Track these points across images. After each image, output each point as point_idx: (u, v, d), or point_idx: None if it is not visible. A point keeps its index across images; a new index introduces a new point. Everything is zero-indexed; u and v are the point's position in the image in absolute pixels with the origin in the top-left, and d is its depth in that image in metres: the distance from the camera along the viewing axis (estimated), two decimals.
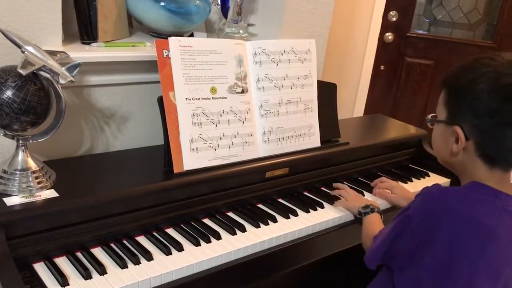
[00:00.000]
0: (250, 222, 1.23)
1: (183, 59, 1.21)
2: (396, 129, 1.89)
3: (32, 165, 1.07)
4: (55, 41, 1.17)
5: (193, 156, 1.21)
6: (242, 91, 1.31)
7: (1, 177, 1.04)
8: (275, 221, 1.25)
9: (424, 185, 1.58)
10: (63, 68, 1.04)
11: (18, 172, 1.05)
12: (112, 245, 1.07)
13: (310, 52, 1.45)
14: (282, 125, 1.39)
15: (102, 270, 0.98)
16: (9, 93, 0.98)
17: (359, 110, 3.06)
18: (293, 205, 1.35)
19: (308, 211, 1.32)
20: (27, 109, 0.99)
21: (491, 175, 0.93)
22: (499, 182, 0.93)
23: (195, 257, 1.06)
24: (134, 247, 1.07)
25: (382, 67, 3.01)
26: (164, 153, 1.20)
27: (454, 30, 3.14)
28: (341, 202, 1.36)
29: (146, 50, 1.34)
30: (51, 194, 1.04)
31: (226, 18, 1.56)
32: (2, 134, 1.05)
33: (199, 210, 1.21)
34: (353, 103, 3.09)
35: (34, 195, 1.03)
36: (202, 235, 1.13)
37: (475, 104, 0.88)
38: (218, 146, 1.25)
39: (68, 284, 0.94)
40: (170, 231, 1.15)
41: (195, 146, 1.21)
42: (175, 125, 1.19)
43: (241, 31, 1.54)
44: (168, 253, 1.06)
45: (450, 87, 0.95)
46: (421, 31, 3.12)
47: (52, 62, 1.02)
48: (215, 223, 1.21)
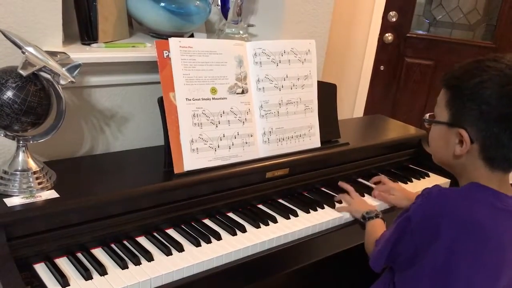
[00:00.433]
0: (250, 223, 1.23)
1: (183, 60, 1.21)
2: (396, 129, 1.89)
3: (32, 165, 1.07)
4: (56, 42, 1.17)
5: (193, 156, 1.21)
6: (242, 92, 1.31)
7: (1, 177, 1.04)
8: (275, 221, 1.25)
9: (424, 185, 1.59)
10: (64, 68, 1.04)
11: (18, 172, 1.05)
12: (112, 245, 1.07)
13: (310, 52, 1.45)
14: (282, 125, 1.39)
15: (102, 271, 0.98)
16: (9, 93, 0.98)
17: (359, 111, 3.06)
18: (293, 205, 1.35)
19: (308, 212, 1.32)
20: (28, 109, 0.99)
21: (492, 177, 0.93)
22: (499, 183, 0.94)
23: (196, 257, 1.06)
24: (134, 248, 1.07)
25: (382, 68, 3.01)
26: (164, 153, 1.20)
27: (453, 30, 3.14)
28: (344, 206, 1.36)
29: (146, 50, 1.34)
30: (52, 194, 1.05)
31: (226, 19, 1.56)
32: (2, 135, 1.05)
33: (200, 210, 1.22)
34: (352, 104, 3.09)
35: (35, 196, 1.03)
36: (202, 236, 1.13)
37: (484, 108, 0.88)
38: (219, 146, 1.25)
39: (68, 284, 0.94)
40: (171, 232, 1.15)
41: (196, 146, 1.21)
42: (176, 125, 1.19)
43: (241, 32, 1.54)
44: (168, 253, 1.06)
45: (454, 89, 0.94)
46: (420, 32, 3.12)
47: (52, 63, 1.02)
48: (216, 224, 1.21)
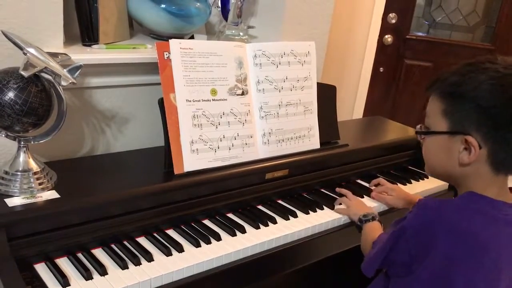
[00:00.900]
0: (250, 224, 1.23)
1: (184, 61, 1.22)
2: (395, 131, 1.90)
3: (33, 166, 1.08)
4: (57, 43, 1.18)
5: (193, 157, 1.21)
6: (242, 93, 1.32)
7: (2, 178, 1.05)
8: (275, 222, 1.26)
9: (423, 187, 1.60)
10: (65, 70, 1.04)
11: (19, 173, 1.05)
12: (112, 246, 1.07)
13: (310, 54, 1.46)
14: (282, 127, 1.40)
15: (103, 271, 0.98)
16: (11, 94, 0.98)
17: (358, 112, 3.07)
18: (292, 206, 1.35)
19: (307, 213, 1.33)
20: (29, 110, 1.00)
21: (494, 181, 0.91)
22: (500, 188, 0.92)
23: (196, 258, 1.07)
24: (134, 248, 1.07)
25: (381, 69, 3.02)
26: (164, 154, 1.20)
27: (453, 32, 3.15)
28: (342, 209, 1.36)
29: (146, 52, 1.35)
30: (52, 195, 1.05)
31: (226, 21, 1.57)
32: (3, 135, 1.05)
33: (199, 211, 1.22)
34: (352, 105, 3.10)
35: (35, 196, 1.03)
36: (202, 236, 1.14)
37: (491, 112, 0.85)
38: (218, 147, 1.26)
39: (69, 284, 0.94)
40: (171, 232, 1.16)
41: (196, 147, 1.22)
42: (176, 126, 1.19)
43: (241, 33, 1.55)
44: (168, 254, 1.07)
45: (452, 96, 0.90)
46: (420, 33, 3.13)
47: (53, 64, 1.03)
48: (215, 224, 1.21)
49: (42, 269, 0.98)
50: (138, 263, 1.03)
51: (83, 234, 1.04)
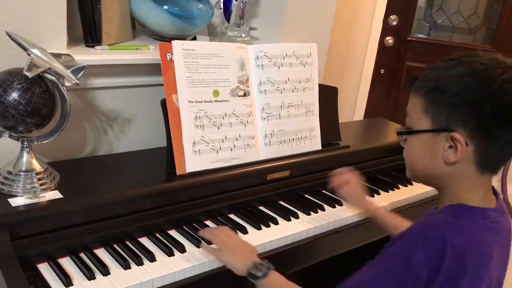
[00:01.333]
0: (251, 224, 1.24)
1: (186, 62, 1.22)
2: (396, 132, 1.90)
3: (36, 166, 1.08)
4: (60, 44, 1.18)
5: (195, 158, 1.22)
6: (244, 94, 1.33)
7: (6, 178, 1.05)
8: (276, 223, 1.26)
9: (422, 188, 1.60)
10: (68, 70, 1.05)
11: (22, 173, 1.06)
12: (115, 246, 1.08)
13: (311, 55, 1.46)
14: (283, 128, 1.40)
15: (105, 271, 0.99)
16: (15, 95, 0.99)
17: (359, 114, 3.07)
18: (294, 207, 1.36)
19: (309, 213, 1.33)
20: (33, 111, 1.00)
21: (480, 182, 0.86)
22: (486, 190, 0.88)
23: (198, 258, 1.07)
24: (137, 248, 1.08)
25: (382, 71, 3.03)
26: (166, 155, 1.21)
27: (454, 34, 3.16)
28: (212, 249, 1.07)
29: (149, 53, 1.35)
30: (55, 195, 1.05)
31: (229, 22, 1.57)
32: (7, 136, 1.06)
33: (201, 212, 1.23)
34: (353, 107, 3.10)
35: (38, 196, 1.04)
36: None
37: (476, 106, 0.80)
38: (220, 148, 1.27)
39: (72, 284, 0.95)
40: (173, 233, 1.16)
41: (198, 148, 1.22)
42: (178, 127, 1.20)
43: (243, 35, 1.56)
44: (170, 254, 1.07)
45: (433, 92, 0.85)
46: (421, 35, 3.14)
47: (57, 65, 1.03)
48: (217, 225, 1.22)
49: (45, 268, 0.99)
50: (140, 263, 1.03)
51: (86, 234, 1.05)
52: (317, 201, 1.41)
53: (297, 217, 1.31)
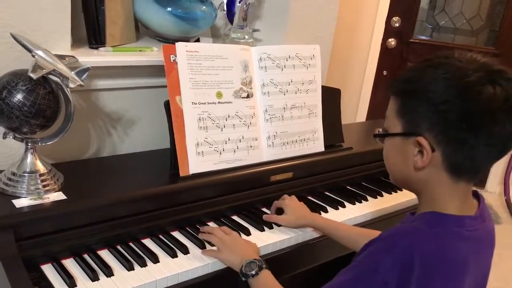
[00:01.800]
0: (254, 226, 1.24)
1: (190, 64, 1.22)
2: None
3: (40, 167, 1.08)
4: (64, 45, 1.19)
5: (198, 159, 1.22)
6: (248, 96, 1.33)
7: (10, 179, 1.06)
8: (280, 224, 1.26)
9: None
10: (73, 72, 1.05)
11: (26, 174, 1.06)
12: (118, 247, 1.08)
13: (314, 57, 1.46)
14: (286, 129, 1.40)
15: (109, 272, 0.99)
16: (19, 96, 0.99)
17: (362, 115, 3.07)
18: None
19: None
20: (37, 112, 1.01)
21: (455, 190, 0.82)
22: (464, 198, 0.84)
23: (201, 259, 1.07)
24: (140, 250, 1.08)
25: (385, 73, 3.03)
26: (170, 156, 1.21)
27: (456, 36, 3.16)
28: (210, 251, 1.08)
29: (153, 54, 1.36)
30: (59, 196, 1.06)
31: (232, 24, 1.58)
32: (11, 137, 1.06)
33: (205, 213, 1.23)
34: (355, 108, 3.10)
35: (42, 197, 1.04)
36: None
37: (442, 108, 0.76)
38: (224, 150, 1.27)
39: (75, 285, 0.95)
40: (176, 234, 1.16)
41: (201, 150, 1.23)
42: (181, 129, 1.20)
43: (246, 37, 1.56)
44: (174, 255, 1.08)
45: (405, 93, 0.83)
46: (423, 37, 3.14)
47: (61, 66, 1.04)
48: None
49: (48, 269, 0.99)
50: (144, 265, 1.03)
51: (90, 235, 1.05)
52: (320, 202, 1.41)
53: None
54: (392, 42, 2.99)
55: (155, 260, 1.05)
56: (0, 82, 1.01)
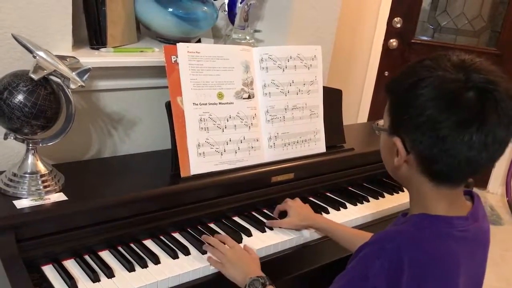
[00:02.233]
0: (255, 227, 1.23)
1: (191, 65, 1.22)
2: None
3: (41, 168, 1.08)
4: (65, 46, 1.19)
5: (200, 160, 1.22)
6: (249, 97, 1.33)
7: (11, 180, 1.06)
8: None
9: None
10: (74, 73, 1.05)
11: (27, 175, 1.06)
12: (119, 248, 1.08)
13: (316, 58, 1.46)
14: (288, 130, 1.40)
15: (110, 273, 0.99)
16: (20, 97, 0.99)
17: (363, 116, 3.07)
18: None
19: None
20: (38, 113, 1.01)
21: (439, 192, 0.82)
22: (449, 202, 0.83)
23: (202, 261, 1.07)
24: (141, 251, 1.08)
25: (386, 73, 3.02)
26: (171, 157, 1.21)
27: (458, 36, 3.15)
28: (214, 262, 1.06)
29: (154, 55, 1.36)
30: (60, 197, 1.06)
31: (233, 24, 1.57)
32: (12, 138, 1.06)
33: (206, 214, 1.22)
34: (357, 109, 3.10)
35: (43, 198, 1.04)
36: None
37: (415, 113, 0.76)
38: (225, 151, 1.26)
39: (76, 286, 0.95)
40: (177, 235, 1.16)
41: (202, 150, 1.22)
42: (183, 129, 1.20)
43: (247, 37, 1.56)
44: (175, 256, 1.07)
45: (391, 94, 0.84)
46: (425, 38, 3.14)
47: (63, 67, 1.04)
48: (221, 228, 1.22)
49: (49, 271, 0.99)
50: (145, 266, 1.03)
51: (90, 236, 1.05)
52: (321, 203, 1.41)
53: None
54: (393, 42, 2.99)
55: (156, 261, 1.05)
56: (1, 83, 1.01)
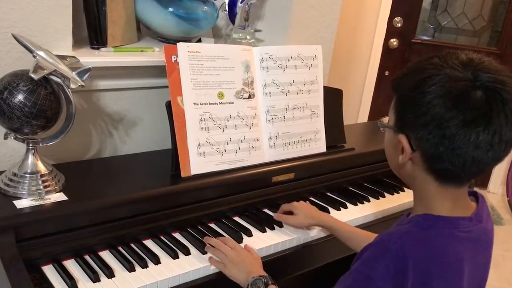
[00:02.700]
0: (256, 227, 1.23)
1: (191, 65, 1.22)
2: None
3: (41, 168, 1.08)
4: (66, 46, 1.18)
5: (200, 160, 1.22)
6: (249, 97, 1.32)
7: (11, 180, 1.05)
8: (281, 225, 1.26)
9: None
10: (74, 72, 1.05)
11: (28, 175, 1.06)
12: (120, 248, 1.08)
13: (316, 58, 1.46)
14: (288, 130, 1.40)
15: (110, 273, 0.99)
16: (20, 97, 0.99)
17: (364, 116, 3.07)
18: None
19: None
20: (38, 113, 1.01)
21: (444, 191, 0.81)
22: (453, 201, 0.82)
23: (203, 261, 1.07)
24: (141, 251, 1.08)
25: (387, 73, 3.02)
26: (171, 157, 1.21)
27: (458, 36, 3.15)
28: (216, 262, 1.07)
29: (154, 55, 1.36)
30: (60, 197, 1.05)
31: (234, 24, 1.57)
32: (12, 138, 1.06)
33: (206, 214, 1.22)
34: (357, 109, 3.10)
35: (44, 198, 1.04)
36: None
37: (421, 110, 0.76)
38: (225, 150, 1.26)
39: (76, 286, 0.94)
40: (177, 235, 1.16)
41: (203, 150, 1.22)
42: (183, 129, 1.20)
43: (248, 37, 1.56)
44: (175, 256, 1.07)
45: (397, 90, 0.84)
46: (425, 37, 3.13)
47: (63, 67, 1.04)
48: (221, 228, 1.22)
49: (49, 271, 0.99)
50: (145, 266, 1.03)
51: (91, 236, 1.05)
52: (321, 203, 1.41)
53: None
54: (394, 42, 2.99)
55: (156, 261, 1.05)
56: (1, 82, 1.01)
